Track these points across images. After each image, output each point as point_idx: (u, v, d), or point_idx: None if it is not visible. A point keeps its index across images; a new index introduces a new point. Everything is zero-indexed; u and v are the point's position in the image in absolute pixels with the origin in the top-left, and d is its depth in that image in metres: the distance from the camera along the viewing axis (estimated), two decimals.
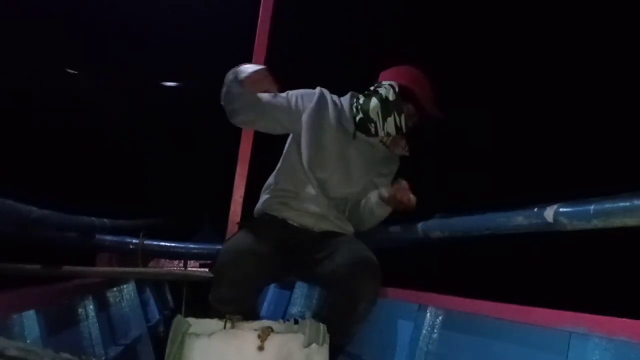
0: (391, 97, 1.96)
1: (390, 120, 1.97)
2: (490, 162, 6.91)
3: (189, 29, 6.08)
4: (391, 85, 1.98)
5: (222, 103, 1.87)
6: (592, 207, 1.36)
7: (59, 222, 2.40)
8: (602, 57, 6.93)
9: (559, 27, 6.92)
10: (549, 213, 1.49)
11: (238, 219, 2.57)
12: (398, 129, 1.99)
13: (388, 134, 2.02)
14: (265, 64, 2.63)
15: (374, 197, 1.98)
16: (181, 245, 3.10)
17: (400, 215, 1.96)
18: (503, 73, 7.02)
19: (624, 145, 6.55)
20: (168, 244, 3.07)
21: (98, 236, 2.91)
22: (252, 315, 1.60)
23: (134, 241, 2.95)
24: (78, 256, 2.67)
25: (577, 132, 7.01)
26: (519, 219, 1.63)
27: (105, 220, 2.99)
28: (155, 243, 3.03)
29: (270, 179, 2.09)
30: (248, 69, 1.78)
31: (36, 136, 6.78)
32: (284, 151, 2.09)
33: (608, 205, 1.32)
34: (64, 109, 7.06)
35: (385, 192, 1.89)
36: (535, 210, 1.55)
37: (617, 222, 1.30)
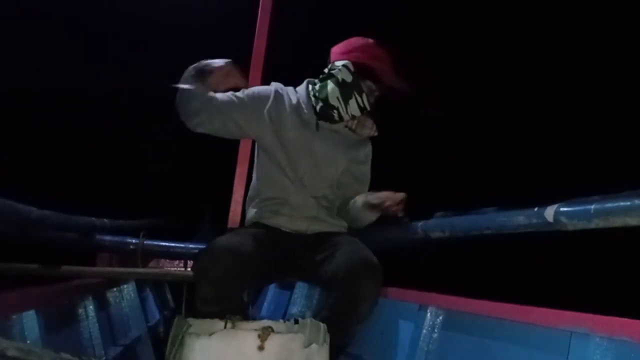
0: (348, 78, 1.88)
1: (352, 102, 1.89)
2: (490, 161, 6.91)
3: (188, 28, 6.09)
4: (345, 66, 1.89)
5: (177, 103, 1.84)
6: (593, 207, 1.36)
7: (59, 222, 2.39)
8: (603, 56, 6.93)
9: (560, 26, 6.92)
10: (549, 212, 1.48)
11: (238, 219, 2.56)
12: (362, 108, 1.92)
13: (353, 116, 1.94)
14: (264, 64, 2.63)
15: (360, 201, 1.89)
16: (181, 245, 3.09)
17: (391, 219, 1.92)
18: (504, 72, 7.02)
19: (624, 145, 6.55)
20: (168, 244, 3.06)
21: (98, 236, 2.91)
22: (240, 315, 1.58)
23: (134, 241, 2.94)
24: (78, 256, 2.66)
25: (577, 131, 7.01)
26: (519, 219, 1.63)
27: (105, 220, 2.98)
28: (155, 243, 3.02)
29: (252, 190, 2.03)
30: (212, 63, 1.77)
31: (36, 136, 6.78)
32: (255, 159, 2.02)
33: (608, 205, 1.32)
34: (64, 108, 7.06)
35: (374, 199, 1.82)
36: (536, 209, 1.55)
37: (617, 222, 1.30)
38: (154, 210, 4.53)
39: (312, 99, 1.96)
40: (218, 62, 1.80)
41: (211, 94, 1.84)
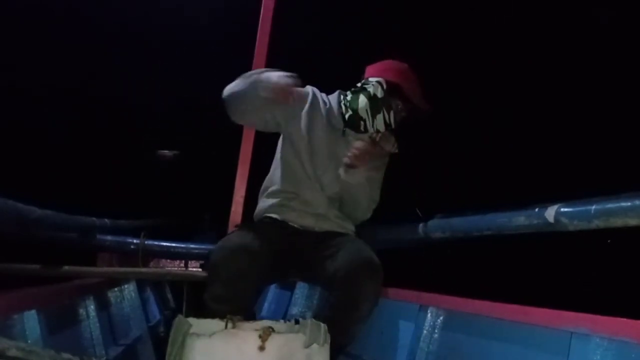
0: (379, 94, 1.97)
1: (380, 117, 1.97)
2: (491, 162, 6.91)
3: (189, 29, 6.09)
4: (378, 82, 1.98)
5: (228, 97, 1.84)
6: (593, 207, 1.36)
7: (59, 222, 2.40)
8: (603, 57, 6.93)
9: (560, 26, 6.92)
10: (550, 213, 1.49)
11: (238, 219, 2.56)
12: (387, 125, 2.00)
13: (377, 131, 2.02)
14: (265, 65, 2.63)
15: (341, 171, 1.93)
16: (181, 245, 3.09)
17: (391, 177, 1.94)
18: (503, 73, 7.02)
19: (625, 145, 6.55)
20: (168, 244, 3.06)
21: (98, 236, 2.91)
22: (248, 314, 1.59)
23: (135, 241, 2.94)
24: (79, 256, 2.67)
25: (577, 132, 7.01)
26: (520, 219, 1.63)
27: (106, 220, 2.98)
28: (156, 243, 3.02)
29: (267, 182, 2.07)
30: (277, 76, 1.75)
31: (37, 136, 6.79)
32: (277, 152, 2.07)
33: (609, 205, 1.32)
34: (64, 108, 7.07)
35: (345, 159, 1.88)
36: (536, 210, 1.55)
37: (618, 222, 1.30)
38: (155, 211, 4.54)
39: (343, 107, 2.04)
40: (281, 75, 1.76)
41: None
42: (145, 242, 2.91)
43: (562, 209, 1.46)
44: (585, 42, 6.87)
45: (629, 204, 1.26)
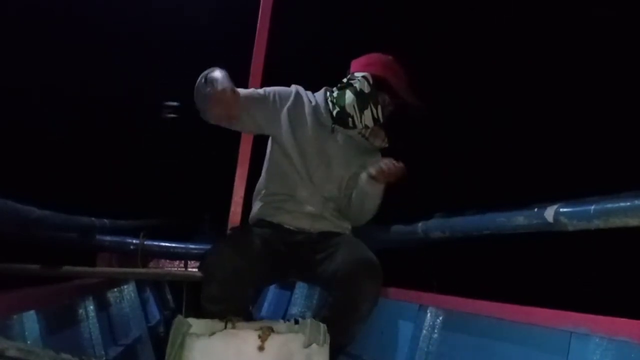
0: (366, 89, 1.95)
1: (367, 112, 1.96)
2: (490, 162, 6.91)
3: (189, 28, 6.09)
4: (364, 77, 1.96)
5: (197, 94, 1.81)
6: (593, 207, 1.36)
7: (59, 222, 2.39)
8: (603, 56, 6.93)
9: (559, 25, 6.92)
10: (549, 213, 1.48)
11: (238, 220, 2.56)
12: (375, 119, 1.98)
13: (366, 126, 2.01)
14: (264, 63, 2.62)
15: (363, 177, 1.93)
16: (181, 245, 3.09)
17: (393, 189, 1.91)
18: (503, 72, 7.02)
19: (624, 145, 6.55)
20: (168, 244, 3.06)
21: (98, 236, 2.91)
22: (245, 314, 1.59)
23: (134, 241, 2.94)
24: (78, 256, 2.66)
25: (577, 131, 7.01)
26: (519, 219, 1.63)
27: (105, 220, 2.98)
28: (155, 243, 3.02)
29: (260, 185, 2.06)
30: (217, 83, 1.66)
31: (37, 136, 6.79)
32: (267, 154, 2.06)
33: (608, 205, 1.32)
34: (64, 108, 7.07)
35: (372, 169, 1.87)
36: (536, 210, 1.55)
37: (617, 222, 1.30)
38: (154, 211, 4.53)
39: (330, 104, 2.02)
40: (222, 84, 1.67)
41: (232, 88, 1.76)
42: (145, 243, 2.91)
43: (561, 209, 1.46)
44: (584, 41, 6.87)
45: (629, 204, 1.26)
